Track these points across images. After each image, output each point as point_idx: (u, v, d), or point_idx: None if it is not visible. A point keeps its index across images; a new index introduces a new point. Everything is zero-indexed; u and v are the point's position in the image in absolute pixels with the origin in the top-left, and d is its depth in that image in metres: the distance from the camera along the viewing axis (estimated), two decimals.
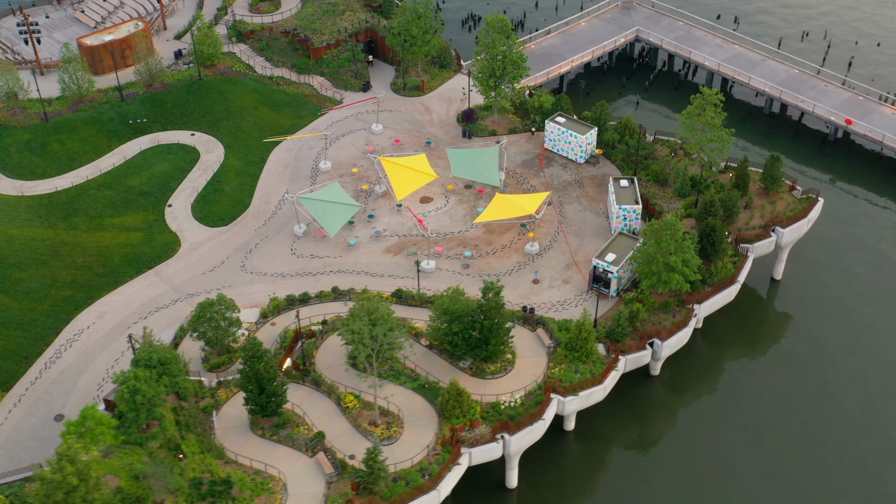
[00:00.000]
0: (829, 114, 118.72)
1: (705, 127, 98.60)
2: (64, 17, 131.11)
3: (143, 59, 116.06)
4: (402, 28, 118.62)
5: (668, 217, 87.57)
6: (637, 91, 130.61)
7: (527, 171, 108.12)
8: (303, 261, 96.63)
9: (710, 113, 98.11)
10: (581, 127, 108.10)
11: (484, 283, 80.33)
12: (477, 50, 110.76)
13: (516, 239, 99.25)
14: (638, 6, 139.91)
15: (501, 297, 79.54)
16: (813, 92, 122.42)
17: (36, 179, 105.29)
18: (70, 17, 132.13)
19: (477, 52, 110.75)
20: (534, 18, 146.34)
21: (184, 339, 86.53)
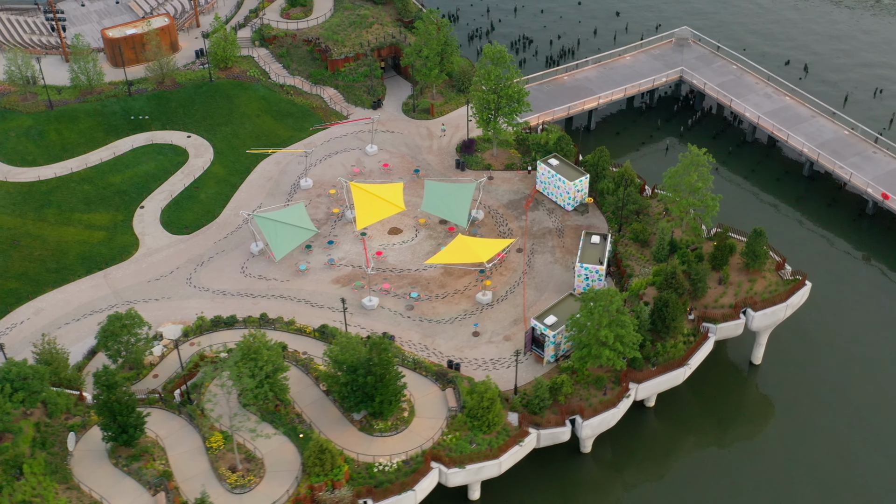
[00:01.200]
0: (866, 185, 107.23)
1: (689, 189, 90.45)
2: (117, 6, 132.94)
3: (154, 56, 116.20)
4: (416, 48, 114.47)
5: (605, 287, 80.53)
6: (671, 136, 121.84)
7: (510, 211, 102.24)
8: (249, 281, 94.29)
9: (694, 175, 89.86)
10: (573, 172, 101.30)
11: (371, 338, 75.61)
12: (475, 81, 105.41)
13: (472, 285, 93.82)
14: (693, 44, 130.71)
15: (389, 354, 74.62)
16: (857, 158, 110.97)
17: (25, 166, 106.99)
18: (124, 6, 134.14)
19: (474, 84, 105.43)
20: (588, 46, 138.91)
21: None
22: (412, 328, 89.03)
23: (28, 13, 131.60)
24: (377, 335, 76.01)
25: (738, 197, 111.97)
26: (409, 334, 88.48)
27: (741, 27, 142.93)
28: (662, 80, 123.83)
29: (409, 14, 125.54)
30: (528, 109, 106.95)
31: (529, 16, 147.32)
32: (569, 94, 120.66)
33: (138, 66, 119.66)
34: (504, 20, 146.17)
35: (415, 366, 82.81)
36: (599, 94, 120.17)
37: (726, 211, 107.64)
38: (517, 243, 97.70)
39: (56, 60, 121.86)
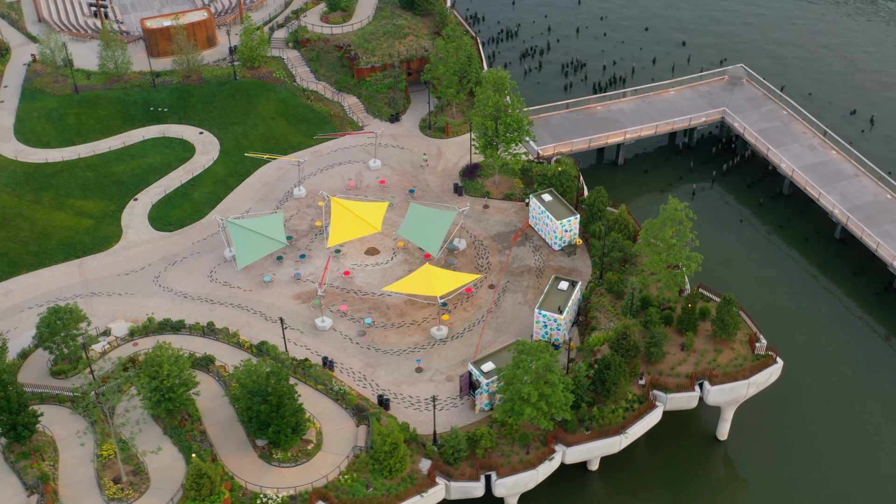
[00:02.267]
0: (892, 257, 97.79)
1: (664, 245, 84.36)
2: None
3: (181, 50, 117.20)
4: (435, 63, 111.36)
5: (537, 341, 75.73)
6: (701, 180, 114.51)
7: (495, 244, 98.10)
8: (213, 287, 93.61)
9: (669, 231, 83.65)
10: (563, 210, 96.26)
11: (271, 368, 73.31)
12: (475, 107, 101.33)
13: (432, 317, 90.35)
14: (747, 84, 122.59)
15: (283, 384, 72.13)
16: (893, 226, 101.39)
17: (38, 147, 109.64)
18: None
19: (475, 109, 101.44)
20: (642, 76, 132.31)
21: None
22: (357, 355, 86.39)
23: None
24: (277, 365, 73.60)
25: (757, 254, 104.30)
26: (352, 361, 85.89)
27: (813, 72, 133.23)
28: (701, 120, 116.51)
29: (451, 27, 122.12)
30: (531, 139, 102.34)
31: (591, 38, 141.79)
32: (597, 126, 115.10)
33: (167, 59, 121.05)
34: (563, 40, 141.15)
35: (337, 396, 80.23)
36: (628, 129, 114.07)
37: (739, 268, 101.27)
38: (486, 279, 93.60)
39: (97, 46, 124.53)
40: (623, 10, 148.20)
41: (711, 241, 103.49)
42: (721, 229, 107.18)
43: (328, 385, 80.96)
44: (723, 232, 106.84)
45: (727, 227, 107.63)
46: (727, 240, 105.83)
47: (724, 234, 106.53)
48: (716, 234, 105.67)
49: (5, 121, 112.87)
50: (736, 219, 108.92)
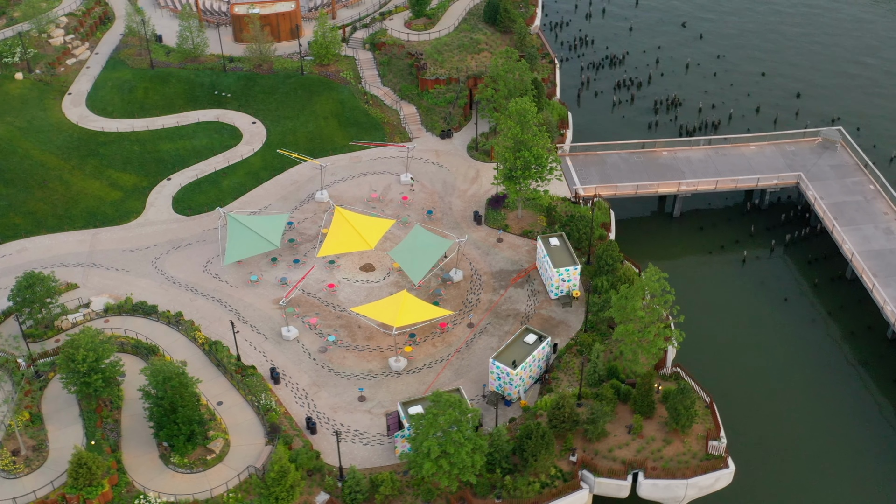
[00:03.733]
0: None
1: (634, 318, 77.29)
2: None
3: (253, 39, 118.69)
4: (486, 84, 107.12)
5: (451, 394, 71.14)
6: (759, 247, 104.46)
7: (492, 281, 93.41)
8: (203, 277, 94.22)
9: (637, 302, 76.49)
10: (566, 258, 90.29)
11: (171, 372, 72.39)
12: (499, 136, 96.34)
13: (398, 345, 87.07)
14: (841, 149, 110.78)
15: (174, 388, 71.11)
16: None
17: (100, 116, 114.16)
18: None
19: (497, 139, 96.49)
20: (741, 124, 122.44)
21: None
22: (308, 372, 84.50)
23: None
24: (179, 370, 72.67)
25: (791, 341, 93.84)
26: (301, 377, 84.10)
27: None
28: (771, 182, 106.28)
29: (526, 48, 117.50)
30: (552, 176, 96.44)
31: (699, 76, 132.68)
32: (654, 171, 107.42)
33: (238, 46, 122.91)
34: (668, 75, 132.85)
35: (261, 410, 78.69)
36: (684, 181, 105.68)
37: (761, 354, 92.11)
38: (465, 317, 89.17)
39: (162, 17, 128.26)
40: (743, 51, 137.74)
41: (742, 316, 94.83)
42: (759, 305, 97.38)
43: (257, 398, 79.57)
44: (759, 309, 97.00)
45: (767, 305, 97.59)
46: (760, 319, 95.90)
47: (759, 312, 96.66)
48: (750, 311, 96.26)
49: (84, 86, 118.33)
50: (781, 297, 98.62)
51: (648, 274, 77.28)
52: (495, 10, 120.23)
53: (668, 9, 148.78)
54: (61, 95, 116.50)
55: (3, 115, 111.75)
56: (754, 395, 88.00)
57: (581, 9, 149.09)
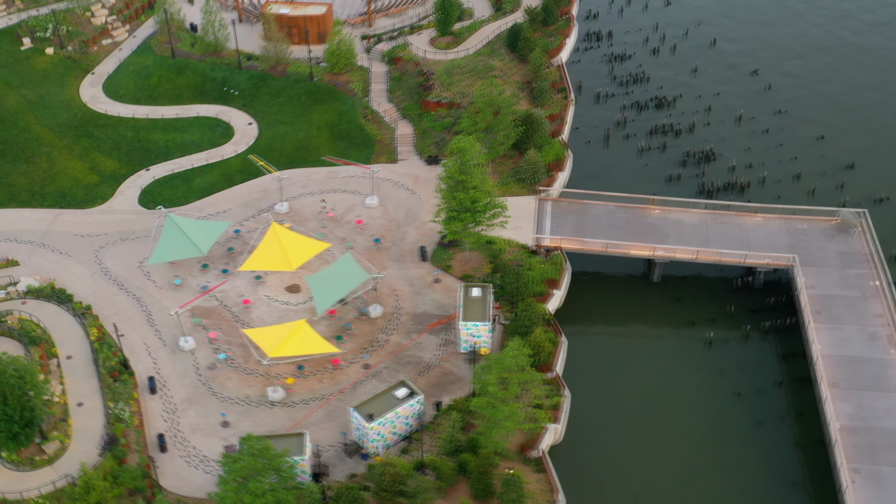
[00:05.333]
0: None
1: (486, 393, 71.03)
2: None
3: (270, 38, 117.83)
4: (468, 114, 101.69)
5: (263, 442, 67.45)
6: (731, 331, 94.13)
7: (411, 323, 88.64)
8: (133, 273, 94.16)
9: (492, 377, 70.18)
10: (478, 312, 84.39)
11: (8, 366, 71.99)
12: (440, 177, 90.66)
13: (286, 374, 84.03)
14: (858, 235, 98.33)
15: (7, 387, 70.80)
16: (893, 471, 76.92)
17: (110, 98, 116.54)
18: None
19: (439, 184, 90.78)
20: (771, 189, 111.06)
21: None
22: (187, 387, 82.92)
23: None
24: (21, 362, 72.11)
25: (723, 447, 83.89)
26: (177, 391, 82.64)
27: None
28: (761, 261, 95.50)
29: (539, 80, 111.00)
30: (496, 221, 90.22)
31: (748, 131, 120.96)
32: (637, 230, 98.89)
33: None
34: (715, 125, 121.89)
35: (112, 419, 77.64)
36: (660, 245, 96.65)
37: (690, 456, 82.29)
38: (353, 355, 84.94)
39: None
40: (809, 110, 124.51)
41: (680, 405, 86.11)
42: (704, 396, 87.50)
43: (115, 405, 78.60)
44: (703, 399, 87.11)
45: (715, 397, 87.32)
46: (700, 411, 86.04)
47: (702, 403, 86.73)
48: (692, 400, 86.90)
49: (108, 67, 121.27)
50: (734, 391, 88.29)
51: (509, 347, 70.70)
52: (516, 37, 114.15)
53: (745, 52, 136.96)
54: (85, 74, 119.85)
55: (20, 87, 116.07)
56: (652, 500, 79.19)
57: (651, 42, 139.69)
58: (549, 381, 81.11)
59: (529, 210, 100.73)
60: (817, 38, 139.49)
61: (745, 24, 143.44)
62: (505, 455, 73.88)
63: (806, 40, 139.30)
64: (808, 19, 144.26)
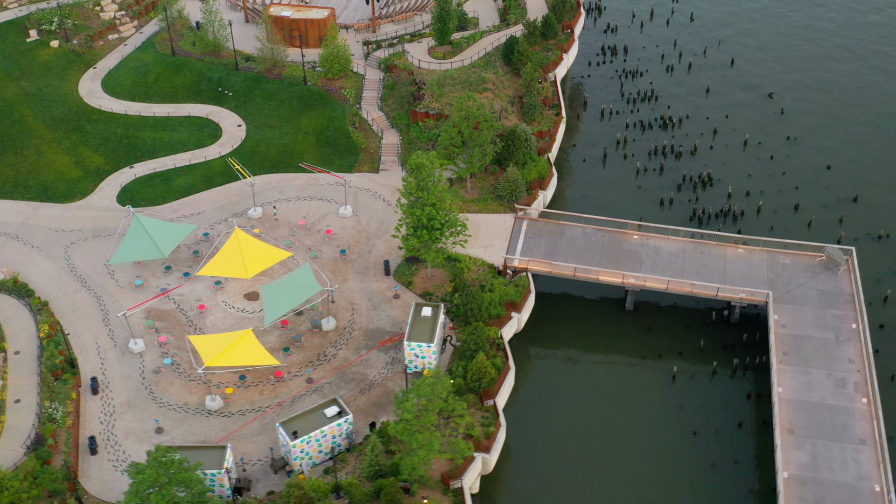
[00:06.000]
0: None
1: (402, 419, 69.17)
2: None
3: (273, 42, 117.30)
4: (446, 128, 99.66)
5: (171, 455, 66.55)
6: (700, 366, 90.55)
7: (362, 339, 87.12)
8: (99, 271, 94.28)
9: (409, 403, 68.24)
10: (425, 333, 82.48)
11: None
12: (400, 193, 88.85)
13: (226, 382, 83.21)
14: (843, 273, 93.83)
15: None
16: None
17: (107, 94, 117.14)
18: None
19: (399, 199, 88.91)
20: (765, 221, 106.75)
21: None
22: (130, 389, 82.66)
23: None
24: None
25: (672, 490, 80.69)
26: (119, 393, 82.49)
27: None
28: (732, 296, 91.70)
29: (530, 95, 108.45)
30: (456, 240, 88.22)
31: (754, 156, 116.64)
32: (609, 255, 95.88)
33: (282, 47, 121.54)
34: (719, 148, 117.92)
35: (47, 419, 77.69)
36: (630, 273, 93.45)
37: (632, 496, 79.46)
38: (298, 368, 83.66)
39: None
40: (820, 138, 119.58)
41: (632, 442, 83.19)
42: (659, 433, 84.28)
43: (51, 404, 78.63)
44: (657, 437, 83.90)
45: (669, 435, 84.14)
46: (652, 451, 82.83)
47: (655, 442, 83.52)
48: (645, 438, 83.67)
49: (110, 63, 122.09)
50: (691, 429, 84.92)
51: (425, 377, 68.71)
52: (511, 50, 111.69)
53: (764, 74, 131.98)
54: (87, 68, 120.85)
55: (20, 78, 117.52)
56: None
57: (667, 59, 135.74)
58: (487, 408, 78.87)
59: (505, 228, 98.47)
60: (843, 65, 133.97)
61: (768, 45, 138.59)
62: (426, 483, 71.88)
63: (830, 65, 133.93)
64: (837, 43, 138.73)
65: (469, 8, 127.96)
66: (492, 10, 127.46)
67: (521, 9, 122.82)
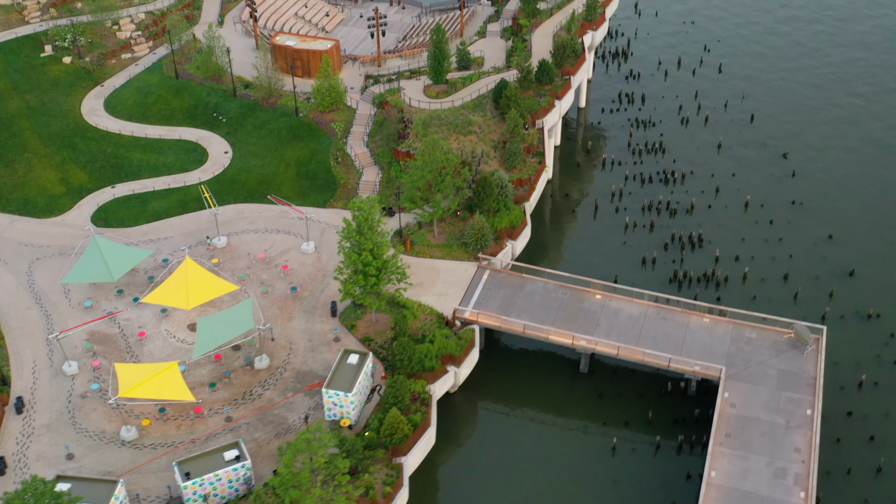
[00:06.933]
0: None
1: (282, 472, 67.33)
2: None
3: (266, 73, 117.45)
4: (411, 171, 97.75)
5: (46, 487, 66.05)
6: (643, 438, 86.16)
7: (292, 382, 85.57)
8: (55, 289, 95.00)
9: (289, 456, 66.33)
10: (346, 381, 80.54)
11: None
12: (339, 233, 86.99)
13: (144, 413, 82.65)
14: (811, 353, 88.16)
15: None
16: None
17: (107, 113, 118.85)
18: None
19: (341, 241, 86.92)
20: (747, 289, 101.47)
21: None
22: (54, 412, 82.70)
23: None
24: None
25: None
26: (43, 415, 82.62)
27: None
28: (684, 367, 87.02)
29: (512, 140, 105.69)
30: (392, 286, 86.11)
31: (752, 220, 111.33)
32: (565, 314, 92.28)
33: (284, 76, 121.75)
34: (718, 209, 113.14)
35: None
36: (580, 335, 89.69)
37: None
38: (221, 405, 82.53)
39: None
40: (826, 205, 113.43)
41: None
42: None
43: None
44: None
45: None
46: None
47: None
48: None
49: (117, 82, 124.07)
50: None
51: (303, 430, 66.68)
52: (500, 93, 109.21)
53: (783, 132, 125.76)
54: (94, 85, 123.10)
55: (27, 92, 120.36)
56: None
57: (685, 110, 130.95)
58: (394, 465, 76.31)
59: (465, 277, 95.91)
60: (868, 133, 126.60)
61: (794, 103, 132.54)
62: None
63: (853, 131, 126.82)
64: (871, 111, 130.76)
65: (478, 47, 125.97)
66: (500, 50, 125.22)
67: (527, 51, 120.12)
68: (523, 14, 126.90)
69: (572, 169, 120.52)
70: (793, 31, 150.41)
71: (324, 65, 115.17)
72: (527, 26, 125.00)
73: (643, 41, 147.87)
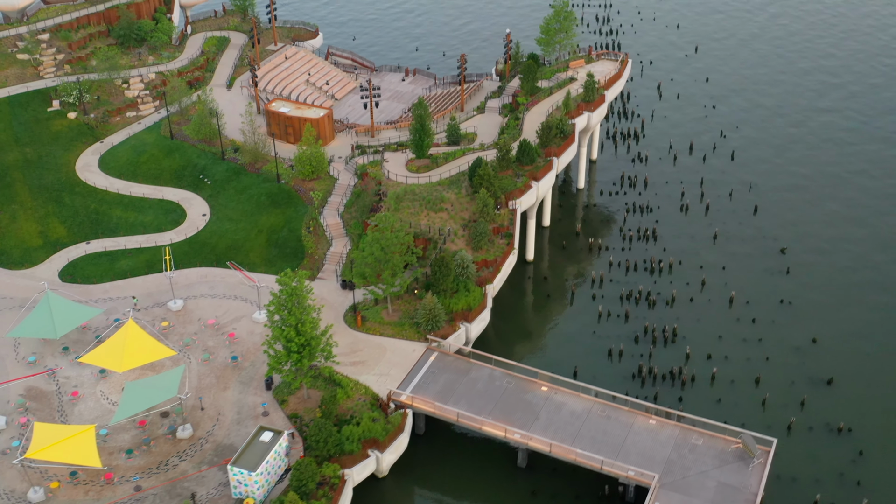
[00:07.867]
0: None
1: None
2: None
3: (253, 138, 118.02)
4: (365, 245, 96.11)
5: None
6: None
7: (209, 453, 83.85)
8: (4, 343, 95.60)
9: None
10: (253, 460, 78.37)
11: None
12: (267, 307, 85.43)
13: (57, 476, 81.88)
14: (758, 466, 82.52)
15: None
16: None
17: (100, 169, 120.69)
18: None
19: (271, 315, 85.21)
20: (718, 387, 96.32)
21: None
22: None
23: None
24: None
25: None
26: None
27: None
28: (617, 472, 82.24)
29: (481, 222, 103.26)
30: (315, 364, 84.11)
31: (734, 319, 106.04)
32: (504, 405, 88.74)
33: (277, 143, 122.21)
34: (701, 305, 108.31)
35: None
36: (514, 429, 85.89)
37: None
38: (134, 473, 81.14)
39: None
40: (815, 312, 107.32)
41: None
42: None
43: None
44: None
45: None
46: None
47: None
48: None
49: (116, 139, 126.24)
50: None
51: None
52: (473, 171, 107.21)
53: (783, 227, 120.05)
54: (94, 141, 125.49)
55: (26, 144, 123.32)
56: None
57: (687, 197, 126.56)
58: None
59: (411, 358, 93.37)
60: (874, 241, 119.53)
61: (802, 201, 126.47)
62: None
63: (858, 233, 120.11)
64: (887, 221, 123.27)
65: (475, 122, 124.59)
66: (496, 127, 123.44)
67: (517, 130, 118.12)
68: (523, 91, 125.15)
69: (557, 252, 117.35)
70: (818, 128, 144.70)
71: (307, 133, 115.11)
72: (524, 104, 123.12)
73: (659, 123, 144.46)
